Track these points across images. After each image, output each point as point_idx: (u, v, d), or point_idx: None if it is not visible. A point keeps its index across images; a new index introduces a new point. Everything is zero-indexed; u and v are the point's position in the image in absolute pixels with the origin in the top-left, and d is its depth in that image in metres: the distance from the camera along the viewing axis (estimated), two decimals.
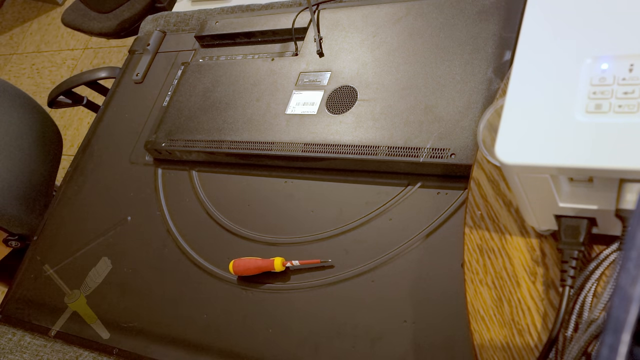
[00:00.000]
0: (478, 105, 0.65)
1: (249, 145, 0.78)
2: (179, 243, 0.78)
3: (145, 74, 1.00)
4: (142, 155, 0.91)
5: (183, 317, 0.71)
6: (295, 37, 0.86)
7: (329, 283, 0.66)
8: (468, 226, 0.52)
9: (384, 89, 0.73)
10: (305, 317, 0.65)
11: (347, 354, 0.60)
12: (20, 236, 1.14)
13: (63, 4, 2.56)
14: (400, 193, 0.68)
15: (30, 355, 0.80)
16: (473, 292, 0.49)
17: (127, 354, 0.72)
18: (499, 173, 0.54)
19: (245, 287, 0.70)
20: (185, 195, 0.82)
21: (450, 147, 0.64)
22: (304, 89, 0.79)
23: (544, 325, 0.45)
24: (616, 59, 0.39)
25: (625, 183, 0.39)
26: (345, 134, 0.71)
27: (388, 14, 0.79)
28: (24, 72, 2.45)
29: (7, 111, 1.20)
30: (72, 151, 2.06)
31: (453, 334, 0.57)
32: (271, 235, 0.72)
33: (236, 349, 0.66)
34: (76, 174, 0.96)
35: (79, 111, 2.17)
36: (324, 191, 0.72)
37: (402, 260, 0.63)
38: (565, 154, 0.38)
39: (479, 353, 0.46)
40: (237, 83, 0.86)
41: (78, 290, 0.82)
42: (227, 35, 0.92)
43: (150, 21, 1.14)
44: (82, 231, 0.88)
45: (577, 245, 0.43)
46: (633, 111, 0.37)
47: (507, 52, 0.67)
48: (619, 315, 0.24)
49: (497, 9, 0.71)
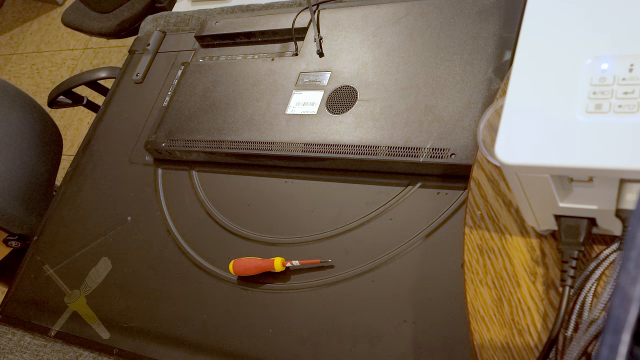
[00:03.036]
0: (478, 105, 0.65)
1: (249, 145, 0.78)
2: (179, 243, 0.78)
3: (145, 74, 1.00)
4: (142, 155, 0.91)
5: (183, 317, 0.71)
6: (295, 37, 0.86)
7: (329, 283, 0.66)
8: (468, 226, 0.52)
9: (384, 89, 0.73)
10: (305, 317, 0.65)
11: (347, 354, 0.60)
12: (20, 236, 1.14)
13: (63, 4, 2.56)
14: (400, 193, 0.68)
15: (30, 355, 0.80)
16: (473, 292, 0.49)
17: (127, 354, 0.72)
18: (499, 173, 0.54)
19: (245, 287, 0.70)
20: (185, 195, 0.82)
21: (450, 147, 0.64)
22: (304, 89, 0.79)
23: (544, 325, 0.45)
24: (616, 59, 0.39)
25: (625, 183, 0.39)
26: (345, 134, 0.71)
27: (388, 14, 0.79)
28: (24, 72, 2.45)
29: (7, 111, 1.20)
30: (72, 151, 2.06)
31: (453, 334, 0.57)
32: (271, 235, 0.72)
33: (236, 349, 0.66)
34: (76, 174, 0.96)
35: (79, 111, 2.17)
36: (324, 191, 0.72)
37: (402, 260, 0.63)
38: (565, 154, 0.38)
39: (479, 353, 0.46)
40: (237, 83, 0.86)
41: (78, 290, 0.82)
42: (227, 35, 0.92)
43: (150, 21, 1.14)
44: (82, 231, 0.88)
45: (577, 245, 0.43)
46: (633, 111, 0.37)
47: (507, 52, 0.67)
48: (619, 315, 0.24)
49: (497, 9, 0.71)
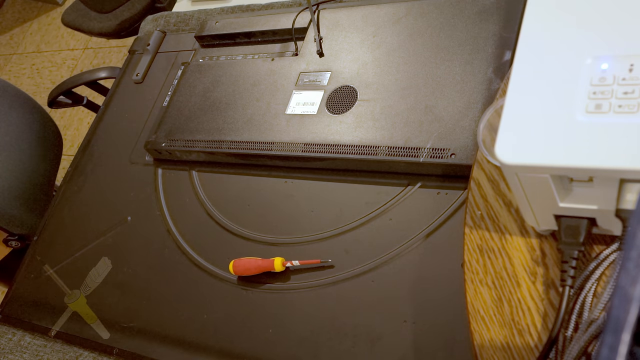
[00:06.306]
0: (478, 105, 0.65)
1: (249, 145, 0.78)
2: (179, 243, 0.78)
3: (145, 74, 1.00)
4: (142, 155, 0.91)
5: (183, 317, 0.71)
6: (295, 37, 0.86)
7: (329, 283, 0.66)
8: (468, 226, 0.52)
9: (384, 89, 0.73)
10: (305, 317, 0.65)
11: (347, 354, 0.60)
12: (20, 236, 1.14)
13: (63, 4, 2.56)
14: (400, 193, 0.68)
15: (30, 355, 0.80)
16: (473, 292, 0.49)
17: (127, 354, 0.72)
18: (499, 173, 0.54)
19: (245, 287, 0.70)
20: (185, 195, 0.82)
21: (450, 147, 0.64)
22: (304, 89, 0.79)
23: (544, 325, 0.45)
24: (616, 59, 0.39)
25: (625, 183, 0.39)
26: (345, 134, 0.71)
27: (388, 14, 0.79)
28: (24, 72, 2.45)
29: (7, 111, 1.20)
30: (72, 151, 2.06)
31: (453, 334, 0.57)
32: (271, 235, 0.72)
33: (236, 349, 0.66)
34: (76, 174, 0.96)
35: (79, 111, 2.17)
36: (324, 191, 0.72)
37: (402, 260, 0.63)
38: (565, 154, 0.38)
39: (479, 353, 0.46)
40: (237, 83, 0.86)
41: (78, 290, 0.82)
42: (227, 35, 0.92)
43: (150, 21, 1.14)
44: (82, 231, 0.88)
45: (577, 245, 0.43)
46: (633, 111, 0.37)
47: (507, 52, 0.67)
48: (619, 315, 0.24)
49: (497, 9, 0.71)
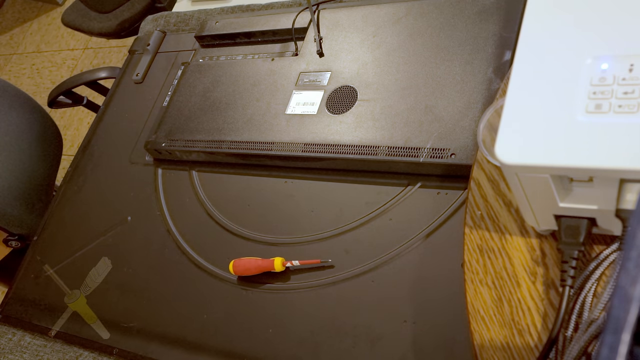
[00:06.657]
0: (478, 105, 0.65)
1: (249, 145, 0.78)
2: (179, 243, 0.78)
3: (145, 74, 1.00)
4: (142, 155, 0.91)
5: (183, 317, 0.71)
6: (295, 37, 0.86)
7: (329, 283, 0.66)
8: (468, 226, 0.52)
9: (384, 89, 0.73)
10: (305, 317, 0.65)
11: (347, 354, 0.60)
12: (20, 236, 1.14)
13: (63, 4, 2.56)
14: (400, 193, 0.68)
15: (30, 355, 0.80)
16: (473, 292, 0.49)
17: (127, 354, 0.72)
18: (499, 173, 0.54)
19: (245, 287, 0.70)
20: (185, 195, 0.82)
21: (450, 147, 0.64)
22: (304, 89, 0.79)
23: (544, 325, 0.45)
24: (616, 59, 0.39)
25: (625, 183, 0.39)
26: (345, 134, 0.71)
27: (388, 14, 0.79)
28: (24, 72, 2.45)
29: (7, 111, 1.20)
30: (72, 151, 2.06)
31: (453, 334, 0.57)
32: (271, 235, 0.72)
33: (236, 349, 0.66)
34: (76, 174, 0.96)
35: (79, 111, 2.17)
36: (324, 191, 0.72)
37: (402, 260, 0.63)
38: (565, 154, 0.38)
39: (479, 353, 0.46)
40: (237, 83, 0.86)
41: (78, 290, 0.82)
42: (227, 35, 0.92)
43: (150, 21, 1.14)
44: (82, 231, 0.88)
45: (577, 245, 0.43)
46: (633, 111, 0.37)
47: (507, 52, 0.67)
48: (619, 315, 0.24)
49: (497, 9, 0.71)
